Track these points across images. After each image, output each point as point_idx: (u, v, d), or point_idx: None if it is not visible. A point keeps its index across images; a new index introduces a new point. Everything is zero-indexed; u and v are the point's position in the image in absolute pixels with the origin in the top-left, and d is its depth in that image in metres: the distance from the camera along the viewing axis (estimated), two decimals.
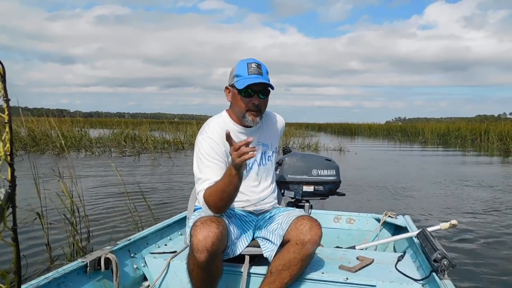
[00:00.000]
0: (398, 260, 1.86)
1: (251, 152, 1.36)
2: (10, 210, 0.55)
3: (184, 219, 2.25)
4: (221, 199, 1.53)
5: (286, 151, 2.48)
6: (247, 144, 1.37)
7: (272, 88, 1.68)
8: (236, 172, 1.43)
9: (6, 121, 0.52)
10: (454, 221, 2.15)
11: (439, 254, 1.57)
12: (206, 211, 1.59)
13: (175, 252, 1.91)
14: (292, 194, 2.36)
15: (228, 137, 1.42)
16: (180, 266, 1.77)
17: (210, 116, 1.87)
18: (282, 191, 2.32)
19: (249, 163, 1.75)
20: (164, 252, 1.94)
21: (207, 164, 1.62)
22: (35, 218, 3.48)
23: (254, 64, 1.66)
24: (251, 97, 1.65)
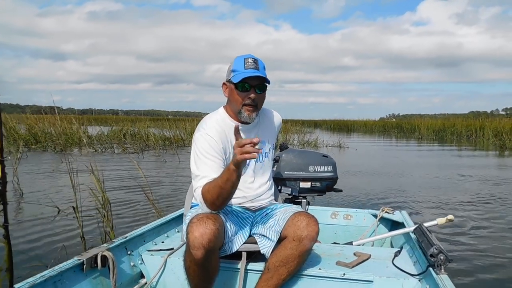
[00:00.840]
0: (395, 255, 1.86)
1: (254, 153, 1.36)
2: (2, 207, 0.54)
3: (181, 216, 2.24)
4: (219, 196, 1.52)
5: (283, 147, 2.47)
6: (253, 144, 1.36)
7: (268, 82, 1.68)
8: (235, 168, 1.42)
9: None
10: (450, 216, 2.16)
11: (436, 249, 1.57)
12: (203, 208, 1.59)
13: (172, 249, 1.90)
14: (289, 190, 2.35)
15: (236, 131, 1.47)
16: (177, 263, 1.76)
17: (205, 113, 1.86)
18: (279, 187, 2.32)
19: (248, 161, 1.75)
20: (161, 250, 1.93)
21: (205, 161, 1.61)
22: (58, 212, 3.78)
23: (251, 59, 1.66)
24: (248, 92, 1.65)
